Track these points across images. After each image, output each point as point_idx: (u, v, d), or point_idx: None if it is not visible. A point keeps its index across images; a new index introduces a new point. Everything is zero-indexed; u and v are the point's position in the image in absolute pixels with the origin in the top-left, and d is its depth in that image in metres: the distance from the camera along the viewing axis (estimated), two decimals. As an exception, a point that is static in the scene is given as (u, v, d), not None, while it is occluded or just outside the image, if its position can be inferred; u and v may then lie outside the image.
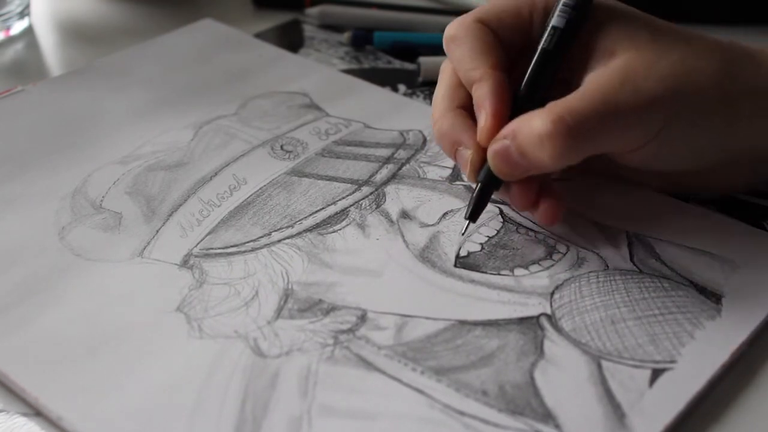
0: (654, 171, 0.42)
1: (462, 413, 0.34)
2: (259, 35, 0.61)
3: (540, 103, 0.39)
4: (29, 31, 0.63)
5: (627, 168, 0.42)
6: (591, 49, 0.40)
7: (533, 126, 0.38)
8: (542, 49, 0.40)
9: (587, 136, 0.38)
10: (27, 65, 0.60)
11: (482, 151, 0.40)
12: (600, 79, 0.39)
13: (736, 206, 0.45)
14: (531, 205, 0.41)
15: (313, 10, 0.63)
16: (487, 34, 0.41)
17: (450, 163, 0.47)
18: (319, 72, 0.56)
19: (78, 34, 0.64)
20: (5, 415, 0.35)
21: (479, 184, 0.41)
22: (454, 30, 0.42)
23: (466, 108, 0.42)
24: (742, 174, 0.44)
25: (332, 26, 0.63)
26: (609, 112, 0.38)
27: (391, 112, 0.52)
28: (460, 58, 0.41)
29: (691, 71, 0.39)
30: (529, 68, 0.41)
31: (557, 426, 0.33)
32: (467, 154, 0.40)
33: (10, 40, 0.62)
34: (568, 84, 0.40)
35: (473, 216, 0.41)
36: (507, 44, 0.42)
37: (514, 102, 0.40)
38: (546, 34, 0.41)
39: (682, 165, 0.42)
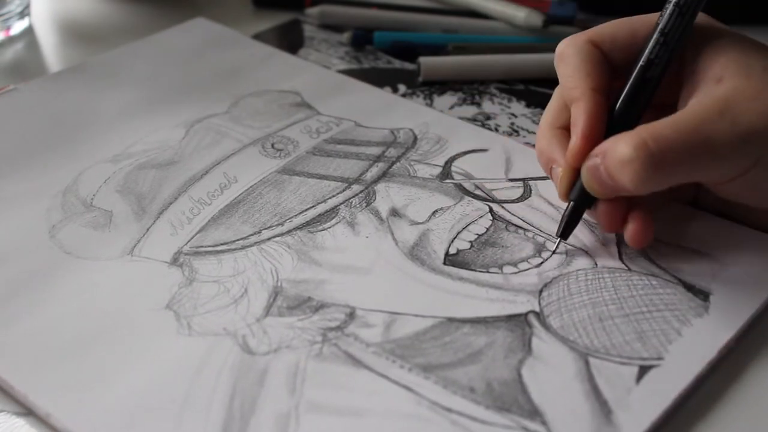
0: (753, 207, 0.41)
1: (449, 410, 0.34)
2: (258, 35, 0.61)
3: (635, 124, 0.38)
4: (29, 31, 0.63)
5: (727, 203, 0.42)
6: (698, 75, 0.39)
7: (618, 148, 0.37)
8: (640, 68, 0.40)
9: (671, 165, 0.37)
10: (27, 65, 0.60)
11: (573, 170, 0.40)
12: (699, 106, 0.37)
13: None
14: (617, 226, 0.40)
15: (313, 10, 0.63)
16: (595, 55, 0.40)
17: (440, 161, 0.47)
18: (311, 71, 0.56)
19: (78, 34, 0.64)
20: (4, 415, 0.35)
21: (572, 202, 0.40)
22: (564, 48, 0.41)
23: (568, 129, 0.41)
24: None
25: (332, 26, 0.63)
26: (699, 144, 0.36)
27: (383, 110, 0.52)
28: (565, 76, 0.41)
29: None
30: (625, 88, 0.40)
31: (544, 422, 0.33)
32: (559, 172, 0.40)
33: (10, 40, 0.62)
34: (672, 109, 0.40)
35: (565, 233, 0.41)
36: (619, 65, 0.41)
37: (610, 121, 0.40)
38: (645, 54, 0.40)
39: None
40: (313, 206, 0.44)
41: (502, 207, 0.44)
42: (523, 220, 0.43)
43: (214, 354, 0.36)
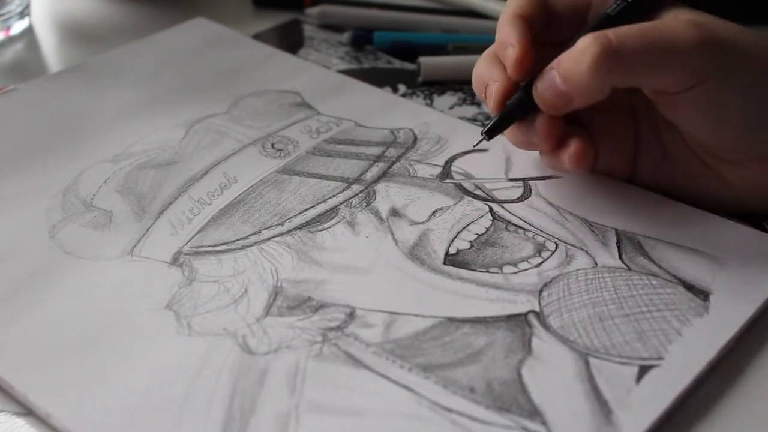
0: (697, 144, 0.42)
1: (449, 410, 0.34)
2: (258, 35, 0.61)
3: None
4: (29, 31, 0.63)
5: (655, 166, 0.43)
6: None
7: (576, 46, 0.38)
8: (606, 13, 0.41)
9: (630, 58, 0.38)
10: (27, 65, 0.60)
11: (510, 82, 0.42)
12: (660, 19, 0.40)
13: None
14: (555, 143, 0.42)
15: (313, 10, 0.63)
16: (537, 2, 0.42)
17: (440, 161, 0.47)
18: (311, 71, 0.56)
19: (78, 34, 0.64)
20: (4, 415, 0.35)
21: (506, 106, 0.42)
22: None
23: None
24: None
25: (332, 26, 0.63)
26: (661, 41, 0.38)
27: (383, 110, 0.52)
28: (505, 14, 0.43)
29: (749, 41, 0.39)
30: (584, 30, 0.41)
31: (544, 423, 0.33)
32: (495, 86, 0.42)
33: (10, 40, 0.62)
34: None
35: (491, 132, 0.42)
36: (557, 15, 0.43)
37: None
38: (613, 3, 0.42)
39: (724, 133, 0.41)
40: (313, 206, 0.44)
41: (502, 207, 0.44)
42: (523, 220, 0.43)
43: (214, 354, 0.36)
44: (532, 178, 0.46)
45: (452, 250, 0.41)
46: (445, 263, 0.41)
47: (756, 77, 0.40)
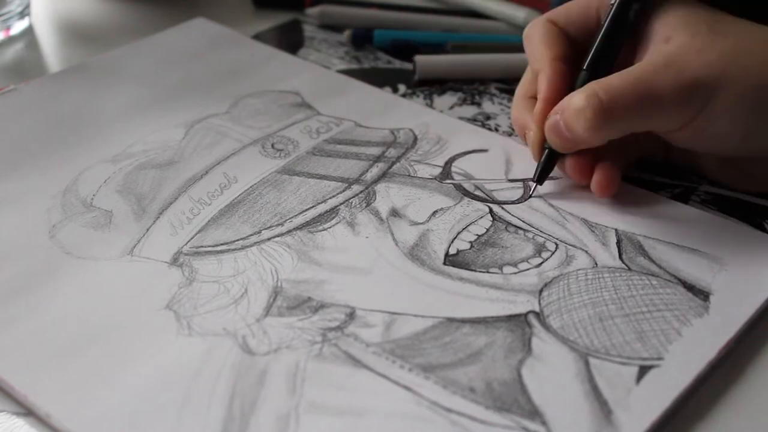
0: (710, 155, 0.44)
1: (449, 410, 0.34)
2: (258, 35, 0.62)
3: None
4: (29, 31, 0.63)
5: (684, 154, 0.45)
6: (649, 36, 0.43)
7: (573, 101, 0.41)
8: (603, 32, 0.44)
9: (620, 113, 0.40)
10: (27, 65, 0.60)
11: (541, 131, 0.44)
12: (648, 61, 0.41)
13: (736, 206, 0.45)
14: (585, 176, 0.44)
15: (313, 10, 0.63)
16: (553, 31, 0.45)
17: (440, 161, 0.48)
18: (311, 71, 0.56)
19: (78, 34, 0.64)
20: (4, 415, 0.35)
21: (546, 151, 0.44)
22: (528, 30, 0.46)
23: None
24: None
25: (332, 26, 0.63)
26: (645, 93, 0.40)
27: (383, 110, 0.52)
28: (531, 53, 0.46)
29: (741, 56, 0.40)
30: (590, 52, 0.44)
31: (544, 423, 0.33)
32: (530, 135, 0.45)
33: (10, 40, 0.62)
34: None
35: (540, 178, 0.45)
36: (575, 39, 0.45)
37: (577, 84, 0.43)
38: (607, 20, 0.44)
39: (730, 147, 0.43)
40: (313, 206, 0.44)
41: (502, 208, 0.44)
42: (523, 221, 0.43)
43: (214, 354, 0.36)
44: (532, 179, 0.46)
45: (452, 251, 0.41)
46: (445, 263, 0.41)
47: (745, 95, 0.40)
